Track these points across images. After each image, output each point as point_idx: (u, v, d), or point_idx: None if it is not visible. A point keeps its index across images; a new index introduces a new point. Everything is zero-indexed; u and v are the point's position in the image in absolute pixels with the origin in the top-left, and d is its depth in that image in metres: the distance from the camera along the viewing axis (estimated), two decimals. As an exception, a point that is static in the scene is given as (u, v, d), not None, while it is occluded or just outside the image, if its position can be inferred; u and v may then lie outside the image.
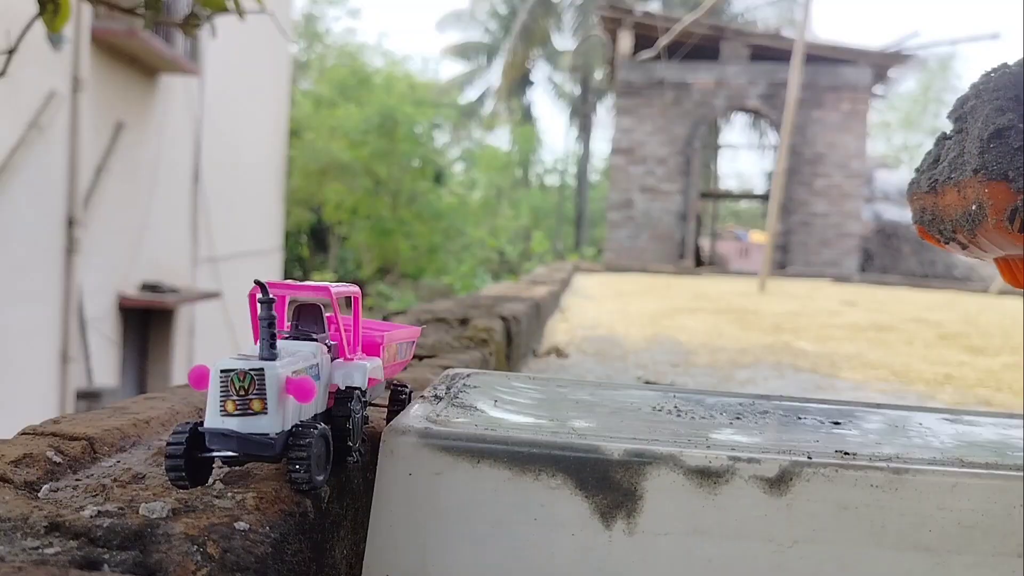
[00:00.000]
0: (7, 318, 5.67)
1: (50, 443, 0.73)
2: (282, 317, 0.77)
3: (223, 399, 0.63)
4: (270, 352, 0.66)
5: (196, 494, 0.65)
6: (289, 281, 0.76)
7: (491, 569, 0.74)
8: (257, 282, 0.70)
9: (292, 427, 0.66)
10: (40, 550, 0.53)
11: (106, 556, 0.54)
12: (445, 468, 0.75)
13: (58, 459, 0.70)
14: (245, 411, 0.63)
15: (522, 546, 0.74)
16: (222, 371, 0.64)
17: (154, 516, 0.59)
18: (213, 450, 0.64)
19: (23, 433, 0.77)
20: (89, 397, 6.41)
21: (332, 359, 0.75)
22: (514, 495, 0.74)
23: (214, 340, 9.14)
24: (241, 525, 0.61)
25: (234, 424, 0.63)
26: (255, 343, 0.72)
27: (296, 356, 0.69)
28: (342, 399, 0.72)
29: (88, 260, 6.59)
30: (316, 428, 0.66)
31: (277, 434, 0.64)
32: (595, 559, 0.74)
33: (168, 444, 0.65)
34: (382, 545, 0.75)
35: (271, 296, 0.68)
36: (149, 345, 8.27)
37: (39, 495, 0.63)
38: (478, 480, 0.74)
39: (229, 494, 0.65)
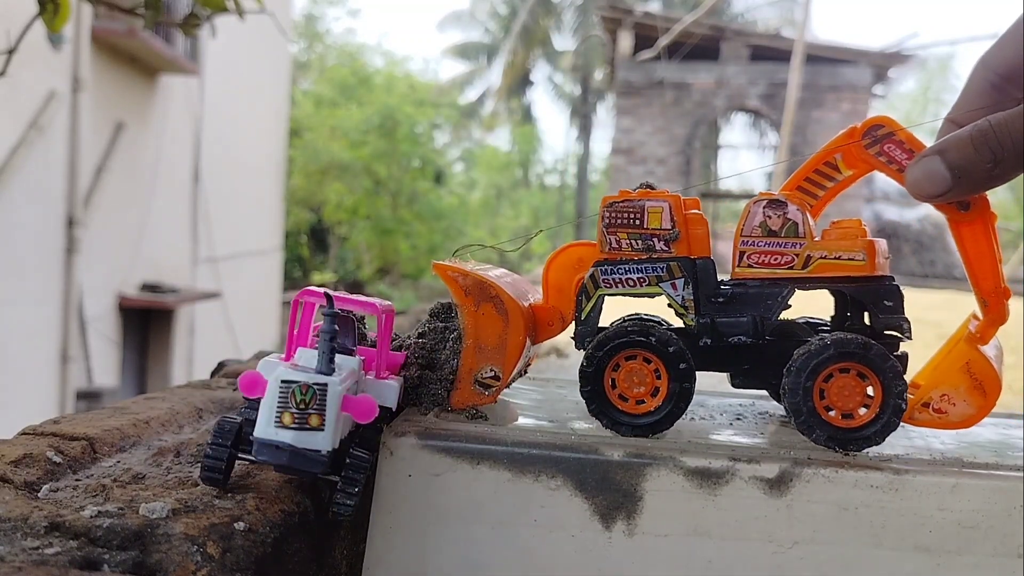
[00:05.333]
0: (7, 318, 5.66)
1: (50, 443, 0.73)
2: (307, 326, 0.76)
3: (280, 410, 0.61)
4: (328, 366, 0.64)
5: (196, 494, 0.65)
6: (340, 293, 0.75)
7: (491, 570, 0.74)
8: (326, 294, 0.69)
9: (349, 453, 0.65)
10: (40, 550, 0.53)
11: (106, 556, 0.54)
12: (445, 469, 0.75)
13: (58, 459, 0.70)
14: (302, 425, 0.61)
15: (522, 547, 0.74)
16: (283, 381, 0.62)
17: (154, 516, 0.59)
18: (253, 456, 0.63)
19: (23, 433, 0.77)
20: (89, 397, 6.41)
21: None
22: (514, 496, 0.74)
23: (214, 340, 9.14)
24: (241, 525, 0.61)
25: (288, 437, 0.61)
26: (289, 349, 0.71)
27: (345, 371, 0.67)
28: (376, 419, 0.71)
29: (88, 260, 6.59)
30: (368, 458, 0.66)
31: (328, 452, 0.62)
32: (595, 560, 0.74)
33: (211, 444, 0.64)
34: (382, 546, 0.75)
35: (336, 310, 0.67)
36: (149, 345, 8.27)
37: (39, 495, 0.63)
38: (478, 481, 0.74)
39: (229, 494, 0.65)
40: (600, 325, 0.84)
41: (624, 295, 0.82)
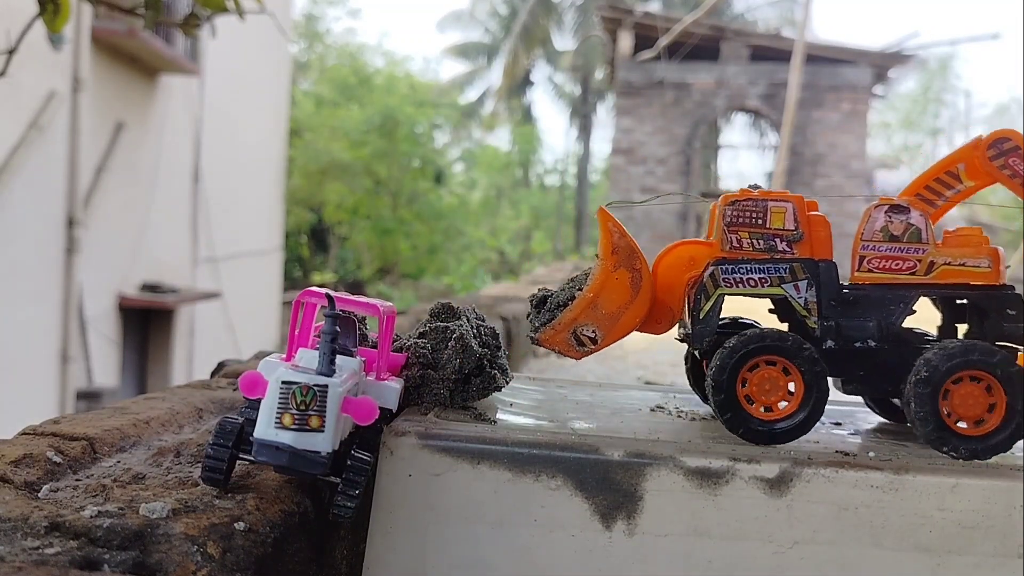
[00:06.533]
0: (7, 318, 5.66)
1: (50, 443, 0.73)
2: (308, 326, 0.76)
3: (280, 411, 0.61)
4: (329, 368, 0.64)
5: (196, 494, 0.65)
6: (342, 294, 0.74)
7: (491, 570, 0.74)
8: (327, 295, 0.69)
9: (350, 455, 0.65)
10: (40, 550, 0.53)
11: (106, 556, 0.54)
12: (445, 469, 0.75)
13: (58, 459, 0.70)
14: (302, 427, 0.61)
15: (522, 547, 0.74)
16: (283, 382, 0.61)
17: (154, 516, 0.59)
18: (252, 457, 0.63)
19: (23, 433, 0.77)
20: (89, 397, 6.40)
21: None
22: (514, 496, 0.74)
23: (214, 340, 9.13)
24: (241, 525, 0.61)
25: (288, 438, 0.61)
26: (289, 350, 0.71)
27: (345, 373, 0.67)
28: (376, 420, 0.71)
29: (88, 260, 6.58)
30: (370, 460, 0.66)
31: (328, 454, 0.62)
32: (595, 560, 0.74)
33: (212, 444, 0.63)
34: (382, 545, 0.75)
35: (338, 311, 0.67)
36: (149, 345, 8.26)
37: (39, 495, 0.63)
38: (478, 481, 0.74)
39: (229, 494, 0.65)
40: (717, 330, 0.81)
41: (745, 295, 0.81)
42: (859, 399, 0.97)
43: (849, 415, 0.99)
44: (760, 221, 0.81)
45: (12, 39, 1.82)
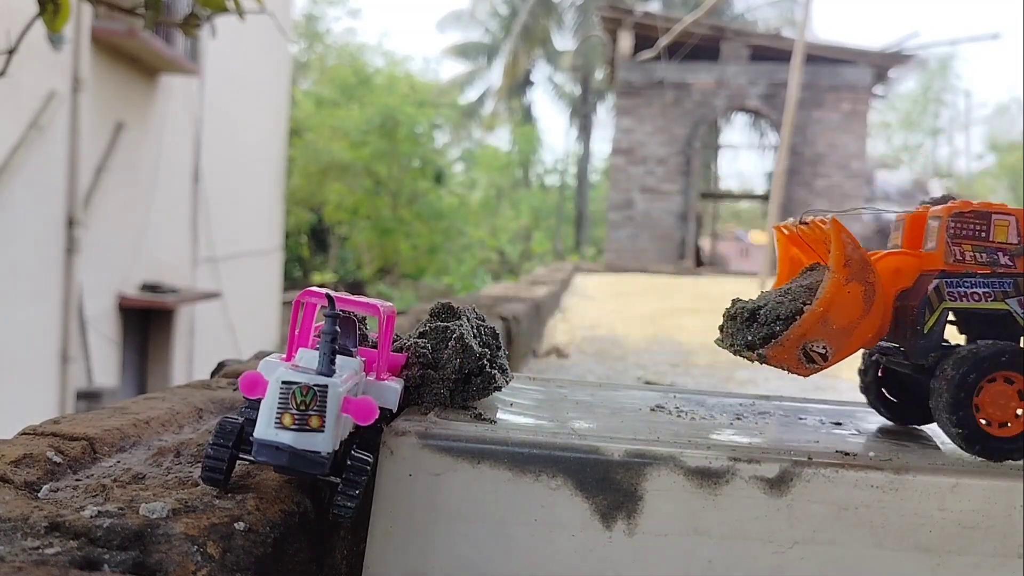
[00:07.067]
0: (7, 318, 5.66)
1: (50, 443, 0.73)
2: (308, 326, 0.76)
3: (280, 411, 0.61)
4: (329, 368, 0.64)
5: (196, 494, 0.65)
6: (342, 294, 0.74)
7: (491, 569, 0.74)
8: (327, 295, 0.69)
9: (350, 455, 0.65)
10: (40, 550, 0.53)
11: (106, 556, 0.54)
12: (445, 469, 0.75)
13: (58, 459, 0.70)
14: (302, 427, 0.61)
15: (522, 547, 0.74)
16: (284, 382, 0.62)
17: (154, 516, 0.59)
18: (252, 457, 0.63)
19: (23, 433, 0.77)
20: (89, 397, 6.41)
21: None
22: (514, 496, 0.74)
23: (214, 340, 9.14)
24: (241, 525, 0.61)
25: (288, 438, 0.61)
26: (289, 350, 0.71)
27: (346, 373, 0.67)
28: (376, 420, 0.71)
29: (88, 260, 6.58)
30: (370, 460, 0.66)
31: (328, 454, 0.62)
32: (595, 560, 0.74)
33: (212, 444, 0.64)
34: (382, 545, 0.75)
35: (338, 311, 0.67)
36: (149, 345, 8.26)
37: (39, 495, 0.63)
38: (478, 481, 0.74)
39: (229, 494, 0.65)
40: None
41: (967, 309, 0.80)
42: (860, 398, 0.97)
43: (849, 415, 0.99)
44: (984, 234, 0.80)
45: (12, 39, 1.82)
